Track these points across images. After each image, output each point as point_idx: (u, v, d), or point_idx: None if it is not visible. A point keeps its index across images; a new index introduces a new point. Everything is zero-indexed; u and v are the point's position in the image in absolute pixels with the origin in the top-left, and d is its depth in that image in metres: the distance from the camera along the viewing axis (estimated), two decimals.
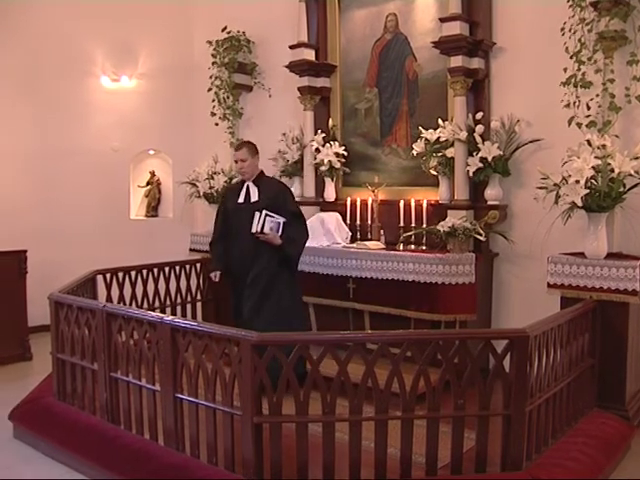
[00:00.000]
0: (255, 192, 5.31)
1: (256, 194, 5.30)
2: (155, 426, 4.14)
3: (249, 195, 5.32)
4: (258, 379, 3.48)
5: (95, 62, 8.25)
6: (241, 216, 5.23)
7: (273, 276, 5.20)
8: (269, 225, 5.04)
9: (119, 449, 4.15)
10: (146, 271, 6.54)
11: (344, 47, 6.80)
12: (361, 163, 6.70)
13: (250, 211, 5.14)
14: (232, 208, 5.36)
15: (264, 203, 5.18)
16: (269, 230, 5.04)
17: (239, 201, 5.33)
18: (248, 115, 7.72)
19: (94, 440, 4.34)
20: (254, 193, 5.31)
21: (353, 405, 3.52)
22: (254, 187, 5.33)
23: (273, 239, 5.07)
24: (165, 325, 3.92)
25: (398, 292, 5.58)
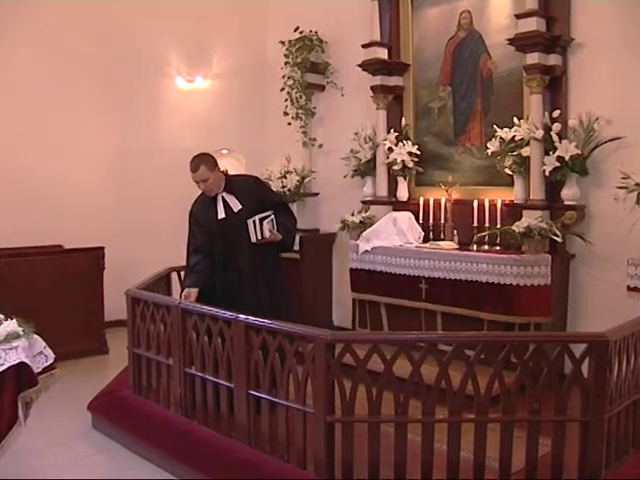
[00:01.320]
0: (234, 201, 4.90)
1: (236, 202, 4.90)
2: (228, 422, 4.21)
3: (228, 207, 4.89)
4: (331, 378, 3.50)
5: (170, 63, 8.42)
6: (229, 230, 4.84)
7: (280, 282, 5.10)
8: (267, 228, 4.83)
9: (193, 443, 4.23)
10: None
11: (417, 45, 6.75)
12: (434, 162, 6.64)
13: (239, 222, 4.82)
14: (213, 226, 4.86)
15: (250, 208, 4.86)
16: (269, 233, 4.84)
17: (220, 216, 4.87)
18: (321, 114, 7.75)
19: (168, 433, 4.44)
20: (233, 203, 4.90)
21: (426, 406, 3.49)
22: (230, 196, 4.90)
23: (275, 238, 4.90)
24: (239, 323, 3.98)
25: (471, 293, 5.52)
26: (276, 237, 4.90)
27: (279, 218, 4.97)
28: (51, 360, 3.33)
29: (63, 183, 7.75)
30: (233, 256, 4.86)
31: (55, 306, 6.59)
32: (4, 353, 2.95)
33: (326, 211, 7.68)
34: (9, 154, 7.40)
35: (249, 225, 4.79)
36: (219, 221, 4.85)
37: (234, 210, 4.87)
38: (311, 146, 7.71)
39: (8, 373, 2.94)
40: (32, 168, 7.53)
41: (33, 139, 7.56)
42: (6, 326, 3.13)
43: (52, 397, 3.44)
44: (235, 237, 4.83)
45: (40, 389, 3.17)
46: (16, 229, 7.29)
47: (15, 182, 7.45)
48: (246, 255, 4.85)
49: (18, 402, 3.02)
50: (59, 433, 4.93)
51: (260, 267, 4.91)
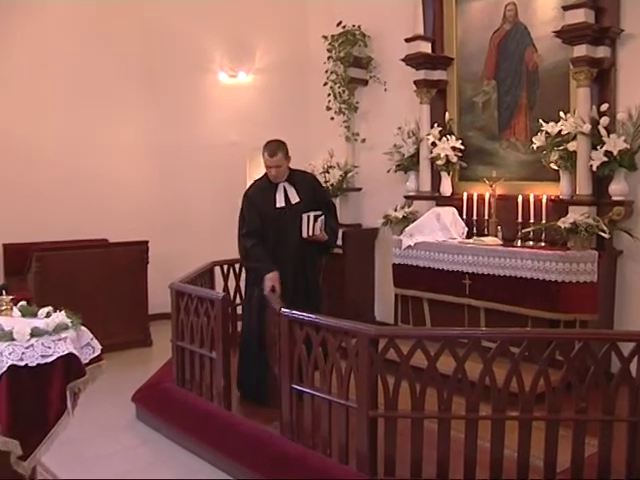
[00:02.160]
0: (293, 192, 4.97)
1: (295, 195, 4.96)
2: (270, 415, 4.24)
3: (287, 197, 4.96)
4: (375, 373, 3.49)
5: (213, 59, 8.47)
6: (284, 220, 4.89)
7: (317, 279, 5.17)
8: (319, 226, 4.84)
9: (235, 436, 4.27)
10: None
11: (461, 39, 6.67)
12: (478, 157, 6.56)
13: (294, 214, 4.87)
14: (269, 213, 4.90)
15: (306, 202, 4.93)
16: (319, 231, 4.86)
17: (278, 205, 4.92)
18: (364, 109, 7.72)
19: (211, 426, 4.49)
20: (292, 194, 4.96)
21: (470, 403, 3.47)
22: (290, 187, 4.98)
23: (322, 238, 4.92)
24: (283, 317, 3.99)
25: (516, 289, 5.46)
26: (323, 237, 4.93)
27: (327, 220, 4.99)
28: (98, 352, 3.38)
29: (108, 179, 7.88)
30: (282, 247, 4.90)
31: (100, 299, 6.71)
32: (53, 344, 3.00)
33: (369, 206, 7.66)
34: (57, 153, 7.55)
35: (303, 219, 4.81)
36: (276, 209, 4.90)
37: (292, 202, 4.94)
38: (354, 141, 7.69)
39: (57, 364, 3.00)
40: (79, 165, 7.68)
41: (80, 137, 7.70)
42: (55, 317, 3.19)
43: (98, 388, 3.49)
44: (288, 229, 4.87)
45: (87, 380, 3.22)
46: (63, 223, 7.45)
47: (63, 179, 7.60)
48: (294, 248, 4.89)
49: (66, 392, 3.07)
50: (105, 423, 5.02)
51: (304, 263, 4.96)
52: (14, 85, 7.28)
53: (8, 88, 7.23)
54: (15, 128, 7.25)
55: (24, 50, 7.33)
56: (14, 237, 7.32)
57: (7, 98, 7.23)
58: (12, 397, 2.86)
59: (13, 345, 2.92)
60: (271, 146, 4.92)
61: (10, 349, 2.90)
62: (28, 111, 7.37)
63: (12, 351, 2.90)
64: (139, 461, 4.44)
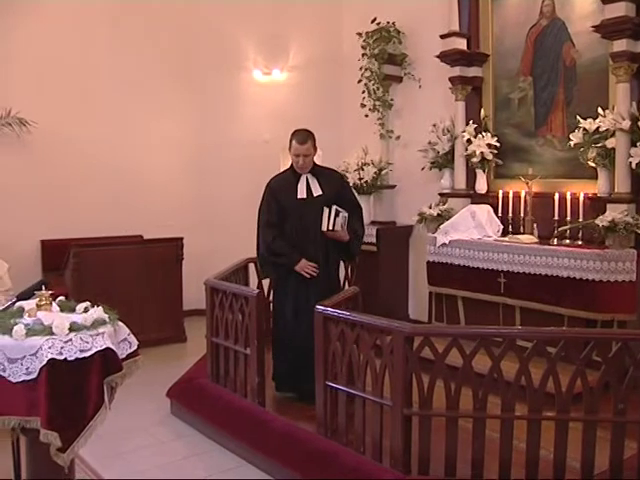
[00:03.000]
0: (316, 185, 4.89)
1: (318, 187, 4.88)
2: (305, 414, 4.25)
3: (309, 189, 4.87)
4: (410, 371, 3.48)
5: (247, 57, 8.51)
6: (305, 212, 4.81)
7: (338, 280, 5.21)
8: (340, 222, 4.73)
9: (269, 432, 4.28)
10: None
11: (497, 35, 6.60)
12: (514, 154, 6.49)
13: (315, 206, 4.78)
14: (290, 204, 4.84)
15: (329, 196, 4.85)
16: (340, 227, 4.76)
17: (300, 196, 4.85)
18: (398, 106, 7.69)
19: (245, 421, 4.51)
20: (315, 187, 4.88)
21: (505, 402, 3.44)
22: (313, 179, 4.90)
23: (343, 236, 4.82)
24: (318, 314, 3.99)
25: (552, 288, 5.39)
26: (345, 236, 4.85)
27: (352, 221, 4.92)
28: (135, 347, 3.41)
29: (144, 175, 7.97)
30: (303, 240, 4.84)
31: (135, 295, 6.78)
32: (91, 339, 3.04)
33: (403, 203, 7.63)
34: (94, 150, 7.65)
35: (324, 212, 4.74)
36: (297, 200, 4.84)
37: (314, 194, 4.87)
38: (388, 138, 7.66)
39: (95, 358, 3.03)
40: (115, 162, 7.78)
41: (117, 135, 7.80)
42: (93, 313, 3.23)
43: (134, 383, 3.53)
44: (309, 221, 4.81)
45: (124, 375, 3.26)
46: (100, 220, 7.56)
47: (99, 176, 7.71)
48: (316, 242, 4.82)
49: (104, 387, 3.11)
50: (140, 418, 5.08)
51: (327, 260, 4.92)
52: (53, 82, 7.39)
53: (47, 85, 7.35)
54: (54, 126, 7.36)
55: (64, 48, 7.44)
56: (52, 233, 7.44)
57: (46, 96, 7.34)
58: (51, 390, 2.91)
59: (52, 339, 2.97)
60: (301, 134, 4.88)
61: (50, 343, 2.95)
62: (67, 109, 7.48)
63: (51, 345, 2.94)
64: (174, 455, 4.49)
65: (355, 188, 7.40)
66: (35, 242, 7.50)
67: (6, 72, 7.09)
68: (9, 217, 7.15)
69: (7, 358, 2.94)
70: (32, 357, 2.93)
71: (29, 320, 3.16)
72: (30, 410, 2.94)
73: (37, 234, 7.46)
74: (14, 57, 7.17)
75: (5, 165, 7.21)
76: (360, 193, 7.46)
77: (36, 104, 7.25)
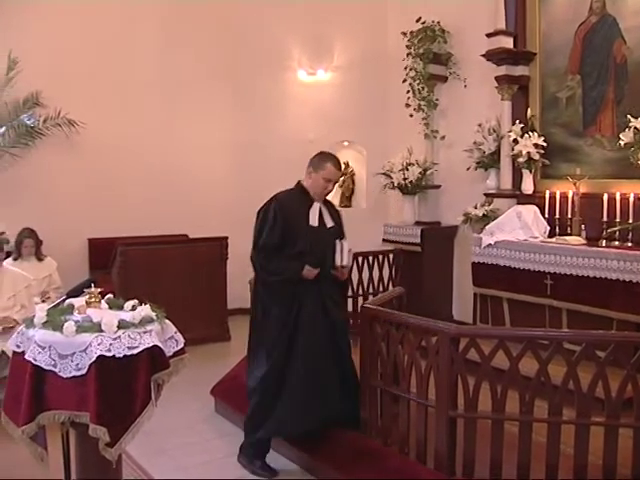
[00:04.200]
0: (328, 216, 4.40)
1: (329, 219, 4.40)
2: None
3: (322, 219, 4.36)
4: (455, 372, 3.45)
5: (292, 57, 8.55)
6: (315, 241, 4.24)
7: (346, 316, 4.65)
8: (350, 258, 4.33)
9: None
10: None
11: (544, 33, 6.50)
12: (561, 154, 6.39)
13: (326, 237, 4.28)
14: (301, 230, 4.25)
15: (337, 229, 4.42)
16: (350, 263, 4.37)
17: (312, 223, 4.30)
18: (443, 106, 7.63)
19: None
20: (327, 217, 4.39)
21: (553, 406, 3.38)
22: (325, 210, 4.41)
23: (345, 274, 4.38)
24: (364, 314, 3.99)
25: (600, 291, 5.28)
26: (346, 273, 4.41)
27: None
28: (181, 345, 3.45)
29: (189, 175, 8.07)
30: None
31: (180, 293, 6.85)
32: (139, 336, 3.08)
33: (448, 204, 7.58)
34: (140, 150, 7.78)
35: (337, 246, 4.25)
36: (308, 227, 4.28)
37: (327, 224, 4.38)
38: (433, 138, 7.61)
39: (142, 355, 3.07)
40: (161, 162, 7.89)
41: (163, 135, 7.92)
42: (140, 311, 3.27)
43: (179, 381, 3.56)
44: (317, 252, 4.23)
45: (171, 372, 3.30)
46: (146, 219, 7.67)
47: (145, 175, 7.83)
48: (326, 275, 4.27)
49: (151, 384, 3.15)
50: (185, 415, 5.14)
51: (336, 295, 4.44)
52: (101, 84, 7.52)
53: (95, 87, 7.48)
54: (102, 127, 7.50)
55: (113, 50, 7.57)
56: (99, 232, 7.58)
57: (94, 97, 7.48)
58: (100, 386, 2.95)
59: (101, 336, 3.01)
60: (336, 158, 4.45)
61: (99, 340, 2.99)
62: (115, 110, 7.61)
63: (100, 342, 2.99)
64: (217, 453, 4.53)
65: (400, 188, 7.42)
66: (83, 241, 7.65)
67: (56, 74, 7.24)
68: (58, 216, 7.30)
69: (58, 354, 2.99)
70: (82, 353, 2.98)
71: (79, 317, 3.22)
72: (80, 405, 2.99)
73: (85, 233, 7.61)
74: (64, 59, 7.31)
75: (54, 165, 7.37)
76: (404, 193, 7.46)
77: (85, 105, 7.39)
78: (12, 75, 6.98)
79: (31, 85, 7.14)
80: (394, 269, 7.17)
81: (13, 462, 4.09)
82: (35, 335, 3.07)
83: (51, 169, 7.35)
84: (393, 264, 7.20)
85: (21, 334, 3.19)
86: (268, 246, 4.21)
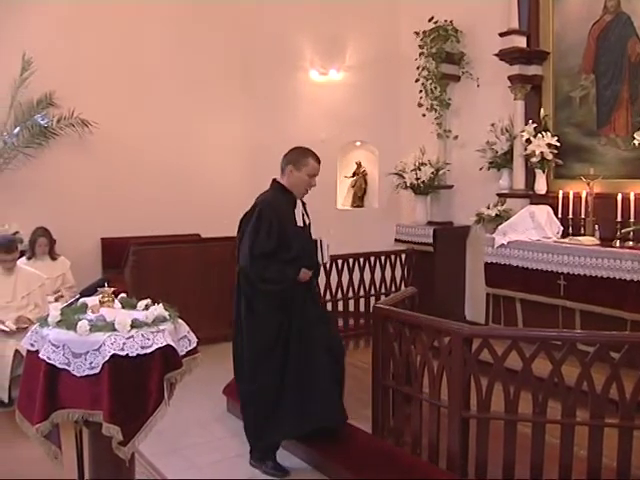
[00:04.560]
0: (305, 214, 4.29)
1: (305, 216, 4.28)
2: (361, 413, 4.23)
3: (303, 217, 4.25)
4: (468, 373, 3.44)
5: (304, 57, 8.55)
6: (304, 243, 4.16)
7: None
8: (328, 255, 4.25)
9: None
10: (352, 260, 6.70)
11: (558, 32, 6.46)
12: (575, 154, 6.35)
13: (308, 236, 4.23)
14: (293, 233, 4.11)
15: (309, 226, 4.29)
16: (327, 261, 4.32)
17: (299, 224, 4.19)
18: (456, 105, 7.61)
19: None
20: (305, 215, 4.28)
21: (566, 408, 3.36)
22: (303, 207, 4.30)
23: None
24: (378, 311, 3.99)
25: (614, 291, 5.25)
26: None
27: None
28: (194, 344, 3.46)
29: (202, 175, 8.09)
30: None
31: (193, 292, 6.86)
32: (152, 335, 3.09)
33: (460, 204, 7.56)
34: (153, 151, 7.81)
35: (318, 243, 4.20)
36: (297, 228, 4.17)
37: (306, 222, 4.27)
38: (446, 138, 7.59)
39: (155, 355, 3.08)
40: (173, 162, 7.92)
41: (175, 136, 7.95)
42: (153, 310, 3.28)
43: (191, 380, 3.57)
44: (306, 253, 4.15)
45: (184, 372, 3.31)
46: (158, 218, 7.69)
47: (158, 175, 7.85)
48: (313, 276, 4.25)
49: (164, 383, 3.16)
50: (197, 414, 5.15)
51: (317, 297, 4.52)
52: (114, 84, 7.55)
53: (108, 87, 7.51)
54: (115, 127, 7.53)
55: (125, 50, 7.59)
56: (111, 232, 7.61)
57: (107, 97, 7.50)
58: (114, 385, 2.97)
59: (115, 335, 3.03)
60: (314, 153, 4.32)
61: (112, 339, 3.01)
62: (128, 110, 7.64)
63: (114, 341, 3.00)
64: (229, 452, 4.53)
65: (412, 188, 7.40)
66: (96, 240, 7.69)
67: (70, 74, 7.28)
68: (71, 215, 7.33)
69: (72, 353, 3.01)
70: (95, 352, 3.00)
71: (92, 316, 3.23)
72: (93, 404, 3.01)
73: (98, 232, 7.64)
74: (78, 60, 7.34)
75: (67, 165, 7.41)
76: (417, 193, 7.45)
77: (98, 105, 7.43)
78: (26, 76, 7.01)
79: (45, 85, 7.18)
80: (406, 269, 7.17)
81: (27, 460, 4.12)
82: (49, 334, 3.09)
83: (64, 169, 7.39)
84: (405, 264, 7.19)
85: (35, 333, 3.21)
86: (265, 253, 3.99)
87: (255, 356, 4.11)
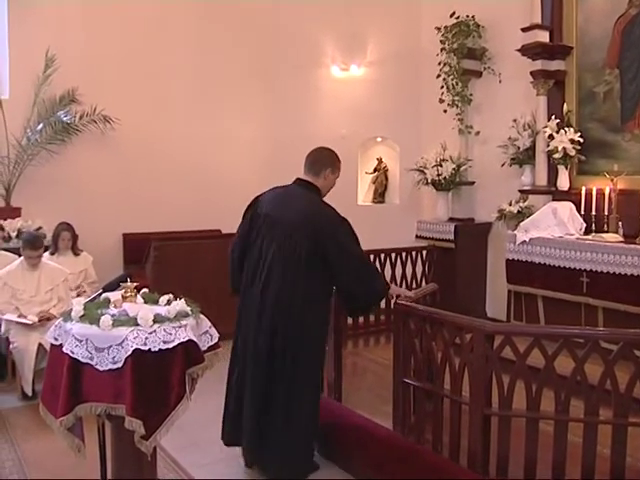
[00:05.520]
0: None
1: None
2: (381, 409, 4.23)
3: None
4: (490, 370, 3.42)
5: (325, 53, 8.53)
6: None
7: None
8: None
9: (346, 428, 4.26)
10: (373, 256, 6.67)
11: (581, 27, 6.41)
12: (598, 150, 6.30)
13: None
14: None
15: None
16: None
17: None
18: (477, 101, 7.57)
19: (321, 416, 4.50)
20: None
21: (589, 406, 3.33)
22: None
23: None
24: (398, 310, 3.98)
25: (638, 288, 5.21)
26: None
27: None
28: (216, 339, 3.48)
29: (223, 171, 8.08)
30: None
31: (214, 288, 6.84)
32: (174, 330, 3.11)
33: (482, 200, 7.52)
34: (174, 146, 7.82)
35: None
36: None
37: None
38: (467, 134, 7.56)
39: (177, 349, 3.10)
40: (195, 158, 7.92)
41: (196, 132, 7.94)
42: (175, 305, 3.30)
43: (212, 374, 3.58)
44: None
45: (206, 366, 3.33)
46: (179, 214, 7.71)
47: (179, 171, 7.86)
48: None
49: (186, 377, 3.18)
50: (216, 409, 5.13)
51: None
52: (136, 81, 7.57)
53: (130, 84, 7.53)
54: (137, 123, 7.55)
55: (147, 48, 7.61)
56: (133, 227, 7.63)
57: (129, 94, 7.53)
58: (136, 379, 2.99)
59: (137, 330, 3.05)
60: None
61: (135, 334, 3.03)
62: (149, 107, 7.66)
63: (136, 336, 3.02)
64: None
65: (433, 184, 7.39)
66: (117, 236, 7.71)
67: (92, 71, 7.31)
68: (94, 211, 7.37)
69: (95, 347, 3.03)
70: (118, 347, 3.02)
71: (115, 311, 3.25)
72: (116, 398, 3.03)
73: (119, 228, 7.67)
74: (100, 56, 7.38)
75: (90, 161, 7.44)
76: (438, 189, 7.44)
77: (120, 102, 7.45)
78: (49, 72, 7.06)
79: (67, 82, 7.21)
80: (427, 265, 7.15)
81: (51, 452, 4.16)
82: (72, 328, 3.11)
83: (87, 165, 7.43)
84: (426, 260, 7.17)
85: (59, 327, 3.23)
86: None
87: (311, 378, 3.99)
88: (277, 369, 3.80)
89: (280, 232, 3.92)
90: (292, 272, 3.81)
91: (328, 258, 3.80)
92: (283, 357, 3.79)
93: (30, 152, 7.03)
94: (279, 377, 3.80)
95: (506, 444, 3.45)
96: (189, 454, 4.38)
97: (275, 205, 4.16)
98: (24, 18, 7.08)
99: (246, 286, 4.06)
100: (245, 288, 4.07)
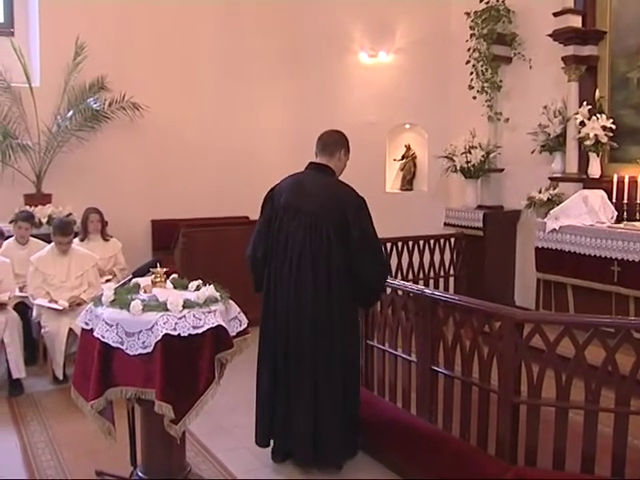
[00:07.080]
0: None
1: None
2: (408, 395, 4.22)
3: None
4: (519, 358, 3.39)
5: (354, 39, 8.48)
6: None
7: None
8: None
9: (373, 414, 4.26)
10: (401, 243, 6.63)
11: (616, 10, 6.28)
12: (631, 137, 6.19)
13: None
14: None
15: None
16: None
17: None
18: (507, 88, 7.48)
19: None
20: None
21: (620, 396, 3.29)
22: None
23: None
24: (426, 297, 3.96)
25: None
26: None
27: None
28: (245, 325, 3.50)
29: (251, 158, 8.11)
30: None
31: (241, 274, 6.84)
32: (203, 316, 3.13)
33: (511, 188, 7.45)
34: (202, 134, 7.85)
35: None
36: None
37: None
38: (497, 120, 7.48)
39: (207, 335, 3.13)
40: (222, 145, 7.96)
41: (224, 119, 7.99)
42: (205, 291, 3.32)
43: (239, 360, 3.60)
44: None
45: (235, 352, 3.35)
46: (207, 201, 7.76)
47: (207, 158, 7.91)
48: None
49: (215, 363, 3.20)
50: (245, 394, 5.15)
51: None
52: (164, 68, 7.61)
53: (159, 71, 7.58)
54: (165, 111, 7.59)
55: (175, 35, 7.64)
56: (162, 214, 7.70)
57: (158, 81, 7.57)
58: (166, 364, 3.02)
59: (167, 315, 3.07)
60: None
61: (164, 319, 3.05)
62: (178, 94, 7.70)
63: (166, 321, 3.05)
64: None
65: (462, 172, 7.34)
66: (146, 222, 7.78)
67: (121, 58, 7.36)
68: (122, 198, 7.44)
69: (125, 332, 3.07)
70: (148, 332, 3.05)
71: (145, 296, 3.29)
72: (146, 382, 3.07)
73: (148, 214, 7.73)
74: (129, 44, 7.42)
75: (119, 148, 7.50)
76: (467, 177, 7.38)
77: (149, 89, 7.49)
78: (79, 60, 7.11)
79: (97, 70, 7.26)
80: (455, 253, 7.10)
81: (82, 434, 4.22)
82: (103, 313, 3.15)
83: (116, 152, 7.48)
84: (454, 248, 7.12)
85: (89, 312, 3.28)
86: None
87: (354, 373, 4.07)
88: (325, 369, 3.82)
89: (304, 221, 3.90)
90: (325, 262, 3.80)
91: (349, 240, 3.81)
92: (330, 356, 3.81)
93: (60, 139, 7.11)
94: (327, 376, 3.82)
95: (535, 433, 3.42)
96: (217, 439, 4.42)
97: (295, 194, 4.14)
98: (55, 7, 7.14)
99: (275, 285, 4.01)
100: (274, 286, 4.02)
